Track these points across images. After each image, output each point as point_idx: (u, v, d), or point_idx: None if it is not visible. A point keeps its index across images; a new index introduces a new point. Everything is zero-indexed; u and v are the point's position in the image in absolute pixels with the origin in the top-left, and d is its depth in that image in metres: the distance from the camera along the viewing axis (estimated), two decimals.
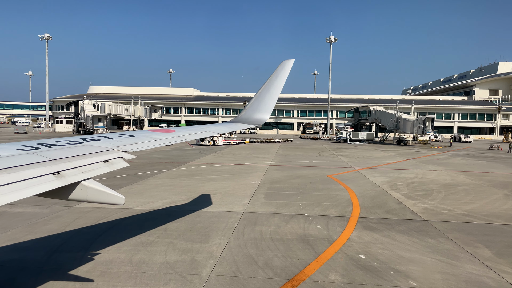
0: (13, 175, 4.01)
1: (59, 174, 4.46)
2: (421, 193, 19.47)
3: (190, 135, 8.29)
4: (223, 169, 27.92)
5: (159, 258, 9.70)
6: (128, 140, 6.72)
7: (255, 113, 10.40)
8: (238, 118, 10.70)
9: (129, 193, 18.23)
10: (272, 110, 10.57)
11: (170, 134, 7.89)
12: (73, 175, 4.62)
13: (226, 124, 11.14)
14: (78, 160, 5.04)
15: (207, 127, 9.81)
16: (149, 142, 6.91)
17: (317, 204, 16.40)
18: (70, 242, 10.89)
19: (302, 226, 12.93)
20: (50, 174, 4.37)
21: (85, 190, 4.60)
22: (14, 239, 10.98)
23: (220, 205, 15.96)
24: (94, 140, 6.35)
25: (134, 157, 6.00)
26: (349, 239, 11.56)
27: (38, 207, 14.83)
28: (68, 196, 4.55)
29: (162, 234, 11.71)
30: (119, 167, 5.49)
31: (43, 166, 4.48)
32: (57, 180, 4.36)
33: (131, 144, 6.47)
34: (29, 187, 3.96)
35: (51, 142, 5.71)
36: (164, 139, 7.39)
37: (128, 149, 6.13)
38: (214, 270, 8.94)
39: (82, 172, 4.78)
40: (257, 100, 10.47)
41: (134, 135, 7.15)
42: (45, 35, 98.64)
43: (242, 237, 11.53)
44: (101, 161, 5.31)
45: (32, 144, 5.34)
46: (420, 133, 63.77)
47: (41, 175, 4.27)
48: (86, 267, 9.06)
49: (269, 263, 9.48)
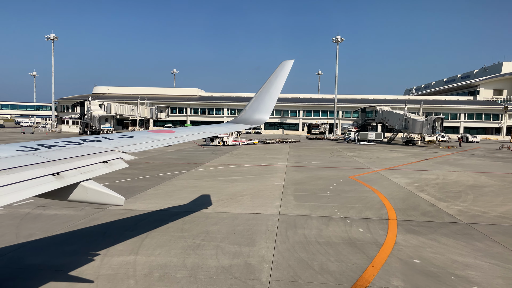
0: (13, 176, 4.01)
1: (58, 175, 4.46)
2: (449, 195, 19.33)
3: (189, 135, 8.27)
4: (242, 170, 27.80)
5: (212, 262, 9.58)
6: (127, 140, 6.70)
7: (255, 113, 10.37)
8: (238, 119, 10.67)
9: (157, 194, 18.13)
10: (271, 111, 10.54)
11: (170, 135, 7.86)
12: (73, 176, 4.62)
13: (226, 124, 11.13)
14: (77, 161, 5.04)
15: (207, 128, 9.82)
16: (149, 143, 6.89)
17: (349, 206, 16.26)
18: (117, 245, 10.76)
19: (344, 229, 12.80)
20: (49, 175, 4.37)
21: (84, 191, 4.61)
22: (60, 242, 10.87)
23: (253, 207, 15.83)
24: (94, 140, 6.34)
25: (134, 157, 5.99)
26: (396, 242, 11.43)
27: (72, 209, 14.72)
28: (68, 197, 4.56)
29: (206, 237, 11.59)
30: (119, 167, 5.49)
31: (42, 167, 4.48)
32: (57, 181, 4.35)
33: (131, 144, 6.46)
34: (29, 188, 3.96)
35: (51, 143, 5.70)
36: (164, 140, 7.38)
37: (128, 150, 6.13)
38: (273, 275, 8.81)
39: (81, 173, 4.79)
40: (256, 101, 10.44)
41: (133, 136, 7.15)
42: (51, 35, 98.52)
43: (288, 241, 11.40)
44: (100, 162, 5.31)
45: (32, 145, 5.34)
46: (430, 133, 63.55)
47: (41, 176, 4.27)
48: (143, 271, 8.94)
49: (324, 267, 9.35)
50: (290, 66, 10.44)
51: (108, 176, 22.14)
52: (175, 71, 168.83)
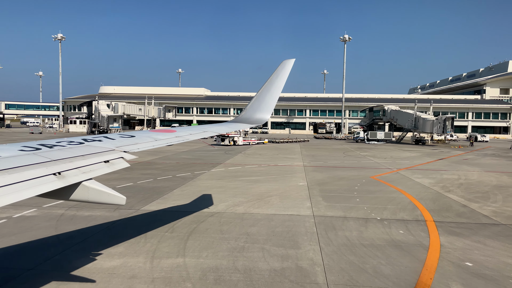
0: (15, 176, 4.01)
1: (60, 175, 4.46)
2: (478, 195, 19.14)
3: (190, 135, 8.27)
4: (261, 171, 27.67)
5: (262, 265, 9.46)
6: (129, 140, 6.70)
7: (256, 112, 10.32)
8: (239, 118, 10.62)
9: (184, 195, 18.01)
10: (272, 110, 10.49)
11: (171, 134, 7.84)
12: (74, 175, 4.63)
13: (227, 123, 11.09)
14: (79, 161, 5.04)
15: (208, 127, 9.78)
16: (150, 142, 6.90)
17: (381, 207, 16.11)
18: (161, 247, 10.66)
19: (383, 231, 12.66)
20: (51, 175, 4.37)
21: (86, 191, 4.61)
22: (104, 244, 10.78)
23: (284, 208, 15.70)
24: (95, 140, 6.33)
25: (135, 157, 5.93)
26: (442, 245, 11.27)
27: (105, 210, 14.64)
28: (70, 197, 4.56)
29: (248, 239, 11.48)
30: (120, 167, 5.48)
31: (44, 166, 4.48)
32: (58, 181, 4.35)
33: (132, 144, 6.46)
34: (30, 188, 3.95)
35: (52, 142, 5.69)
36: (165, 139, 7.37)
37: (129, 149, 6.12)
38: (329, 279, 8.68)
39: (83, 172, 4.79)
40: (257, 100, 10.37)
41: (134, 135, 7.13)
42: (58, 35, 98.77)
43: (332, 243, 11.27)
44: (102, 161, 5.32)
45: (33, 144, 5.34)
46: (440, 132, 63.24)
47: (42, 176, 4.26)
48: (196, 274, 8.84)
49: (378, 271, 9.22)
50: (291, 65, 10.37)
51: (131, 177, 22.10)
52: (180, 71, 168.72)
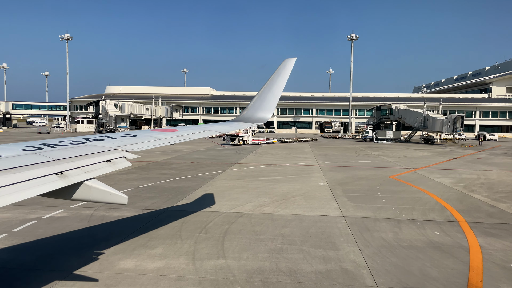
0: (17, 176, 4.00)
1: (62, 174, 4.44)
2: (503, 195, 18.94)
3: (192, 134, 8.26)
4: (277, 170, 27.56)
5: (306, 267, 9.34)
6: (130, 139, 6.70)
7: (258, 112, 10.24)
8: (240, 117, 10.55)
9: (208, 195, 17.92)
10: (274, 109, 10.39)
11: (173, 134, 7.81)
12: (76, 175, 4.61)
13: (228, 123, 11.03)
14: (81, 160, 5.03)
15: (209, 126, 9.75)
16: (152, 142, 6.89)
17: (409, 208, 15.95)
18: (199, 248, 10.55)
19: (419, 232, 12.51)
20: (53, 174, 4.36)
21: (88, 190, 4.59)
22: (142, 245, 10.70)
23: (312, 208, 15.58)
24: (97, 140, 6.32)
25: (137, 156, 5.85)
26: (482, 246, 11.11)
27: (133, 211, 14.59)
28: (72, 196, 4.54)
29: (284, 240, 11.36)
30: (122, 166, 5.47)
31: (46, 166, 4.47)
32: (61, 180, 4.34)
33: (134, 143, 6.46)
34: (33, 187, 3.95)
35: (54, 142, 5.70)
36: (167, 139, 7.36)
37: (131, 149, 6.11)
38: (378, 281, 8.55)
39: (85, 172, 4.77)
40: (259, 99, 10.28)
41: (136, 135, 7.12)
42: (65, 35, 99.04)
43: (370, 244, 11.13)
44: (104, 161, 5.33)
45: (35, 144, 5.34)
46: (450, 131, 62.87)
47: (45, 175, 4.26)
48: (242, 276, 8.73)
49: (425, 273, 9.07)
50: (292, 64, 10.27)
51: (150, 177, 22.06)
52: (185, 70, 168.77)
